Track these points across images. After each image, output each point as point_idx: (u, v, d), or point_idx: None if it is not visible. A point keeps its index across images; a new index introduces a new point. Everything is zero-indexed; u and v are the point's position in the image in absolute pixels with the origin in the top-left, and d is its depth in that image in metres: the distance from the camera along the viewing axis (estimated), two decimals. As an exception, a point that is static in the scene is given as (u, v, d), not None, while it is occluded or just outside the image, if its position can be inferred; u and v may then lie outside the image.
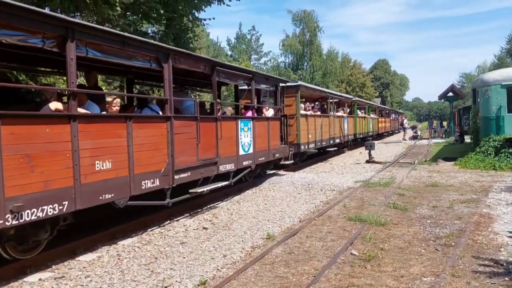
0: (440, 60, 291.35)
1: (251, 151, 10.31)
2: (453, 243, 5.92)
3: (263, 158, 11.09)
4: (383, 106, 48.74)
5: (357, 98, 28.29)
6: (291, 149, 13.58)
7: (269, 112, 12.18)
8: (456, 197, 9.22)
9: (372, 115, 31.68)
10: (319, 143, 16.68)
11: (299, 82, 14.88)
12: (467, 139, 24.17)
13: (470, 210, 7.93)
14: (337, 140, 19.84)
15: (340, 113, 20.82)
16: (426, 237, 6.27)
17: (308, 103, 16.50)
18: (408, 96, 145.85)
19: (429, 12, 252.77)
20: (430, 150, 22.92)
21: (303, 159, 16.21)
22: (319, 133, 16.63)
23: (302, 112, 15.06)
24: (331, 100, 19.68)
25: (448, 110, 42.83)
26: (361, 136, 26.69)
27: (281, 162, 13.07)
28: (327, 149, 18.85)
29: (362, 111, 28.55)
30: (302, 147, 14.60)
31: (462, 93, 38.16)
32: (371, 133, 30.41)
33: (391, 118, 47.14)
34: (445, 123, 41.38)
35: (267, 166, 12.41)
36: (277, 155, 12.06)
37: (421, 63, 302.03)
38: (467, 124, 31.08)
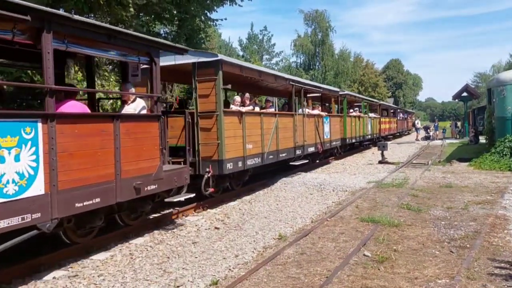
0: (454, 60, 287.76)
1: (37, 191, 4.69)
2: (468, 245, 5.83)
3: (97, 200, 5.43)
4: (387, 103, 41.71)
5: (347, 92, 21.66)
6: (207, 170, 8.55)
7: (137, 105, 6.85)
8: (471, 198, 9.08)
9: (371, 114, 26.63)
10: (271, 156, 10.99)
11: (220, 56, 8.83)
12: (482, 139, 23.84)
13: (485, 211, 7.80)
14: (311, 149, 14.17)
15: (316, 111, 15.10)
16: (440, 239, 6.18)
17: (248, 94, 11.12)
18: (422, 96, 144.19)
19: (442, 12, 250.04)
20: (444, 150, 22.65)
21: (245, 182, 10.62)
22: (272, 141, 11.09)
23: (233, 107, 9.92)
24: (311, 95, 14.97)
25: (463, 110, 42.28)
26: (354, 140, 21.21)
27: (168, 199, 7.27)
28: (291, 163, 12.96)
29: (357, 109, 22.80)
30: (229, 165, 8.84)
31: (477, 93, 37.67)
32: (369, 136, 24.97)
33: (398, 118, 41.47)
34: (459, 124, 40.77)
35: (136, 208, 6.78)
36: (151, 187, 6.41)
37: (434, 63, 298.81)
38: (481, 124, 30.68)
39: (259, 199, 9.75)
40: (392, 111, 38.90)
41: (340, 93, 19.28)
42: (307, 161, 14.03)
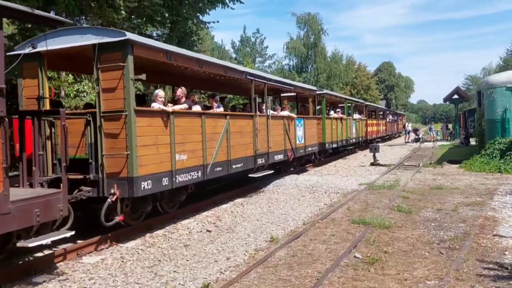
0: (446, 62, 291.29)
1: None
2: (457, 246, 5.89)
3: None
4: (374, 104, 38.72)
5: (326, 91, 18.90)
6: (112, 191, 6.31)
7: None
8: (461, 200, 9.17)
9: (356, 116, 24.71)
10: (218, 168, 8.76)
11: (129, 35, 6.49)
12: (473, 141, 24.07)
13: (475, 213, 7.89)
14: (278, 157, 11.95)
15: (285, 112, 13.11)
16: (430, 240, 6.24)
17: (182, 88, 8.54)
18: (413, 99, 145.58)
19: (434, 15, 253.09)
20: (435, 152, 22.82)
21: (183, 200, 8.35)
22: (221, 150, 8.87)
23: (155, 106, 7.38)
24: (285, 94, 13.38)
25: (454, 113, 42.65)
26: (335, 145, 18.88)
27: (21, 244, 4.88)
28: (251, 175, 10.57)
29: (339, 110, 20.40)
30: (145, 184, 6.54)
31: (468, 95, 37.97)
32: (354, 140, 22.84)
33: (388, 120, 39.22)
34: (450, 126, 41.11)
35: None
36: None
37: (426, 65, 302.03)
38: (472, 126, 30.97)
39: (251, 201, 9.76)
40: (381, 112, 36.70)
41: (317, 92, 16.70)
42: (272, 171, 11.55)
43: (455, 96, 34.31)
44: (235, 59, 59.01)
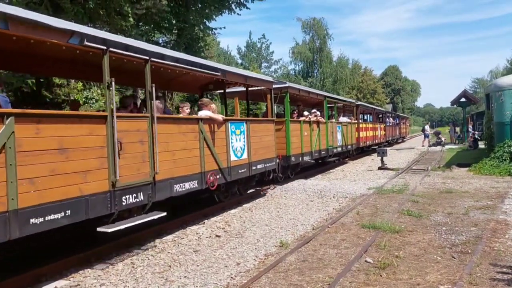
0: (452, 66, 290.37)
1: None
2: (469, 250, 5.83)
3: None
4: (369, 105, 31.49)
5: (288, 84, 12.82)
6: None
7: None
8: (472, 203, 9.09)
9: (343, 119, 20.20)
10: None
11: None
12: (481, 144, 23.88)
13: (486, 216, 7.81)
14: (185, 186, 7.24)
15: (205, 112, 8.32)
16: (442, 244, 6.18)
17: None
18: (420, 102, 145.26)
19: (439, 18, 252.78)
20: (444, 156, 22.66)
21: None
22: None
23: None
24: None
25: (461, 116, 42.36)
26: (308, 158, 14.04)
27: None
28: (102, 229, 5.61)
29: (314, 111, 15.85)
30: None
31: (475, 98, 37.74)
32: (339, 149, 17.70)
33: (388, 123, 33.75)
34: (458, 129, 40.78)
35: None
36: None
37: (432, 69, 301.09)
38: (480, 129, 30.74)
39: (259, 206, 9.75)
40: (378, 114, 30.92)
41: (276, 85, 11.89)
42: (164, 213, 6.69)
43: (463, 99, 34.12)
44: (241, 64, 59.25)
